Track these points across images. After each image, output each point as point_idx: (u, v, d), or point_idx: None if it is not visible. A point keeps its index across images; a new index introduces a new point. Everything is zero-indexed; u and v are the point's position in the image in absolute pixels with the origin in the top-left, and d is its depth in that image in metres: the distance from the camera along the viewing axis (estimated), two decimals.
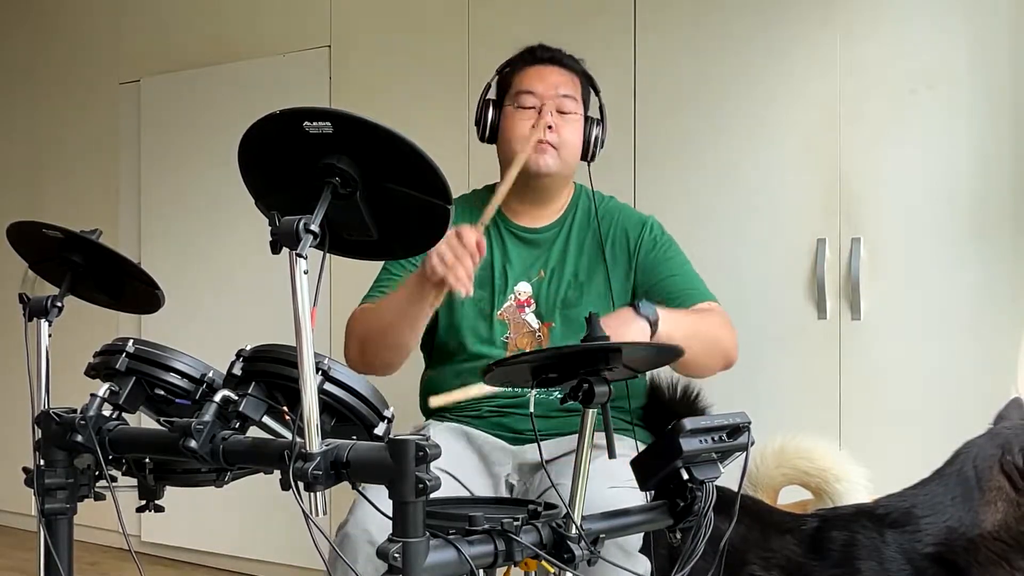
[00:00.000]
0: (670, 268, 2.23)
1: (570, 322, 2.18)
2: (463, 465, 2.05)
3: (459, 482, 2.00)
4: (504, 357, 2.11)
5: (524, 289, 2.22)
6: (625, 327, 1.89)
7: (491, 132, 2.27)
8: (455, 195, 1.39)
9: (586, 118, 2.25)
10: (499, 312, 2.20)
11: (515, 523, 1.32)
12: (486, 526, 1.30)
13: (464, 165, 3.08)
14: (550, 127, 2.18)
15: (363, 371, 2.04)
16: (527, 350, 2.19)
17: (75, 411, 1.61)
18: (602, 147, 2.28)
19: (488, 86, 2.31)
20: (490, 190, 2.33)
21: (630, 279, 2.23)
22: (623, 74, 3.05)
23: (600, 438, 1.45)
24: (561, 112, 2.20)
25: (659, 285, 2.21)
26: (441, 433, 2.10)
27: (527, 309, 2.22)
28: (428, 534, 1.23)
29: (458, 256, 1.90)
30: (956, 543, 1.77)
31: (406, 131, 1.33)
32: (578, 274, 2.22)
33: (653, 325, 1.92)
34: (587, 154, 2.25)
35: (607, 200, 2.33)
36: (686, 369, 2.15)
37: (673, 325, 1.96)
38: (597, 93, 2.30)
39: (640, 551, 1.80)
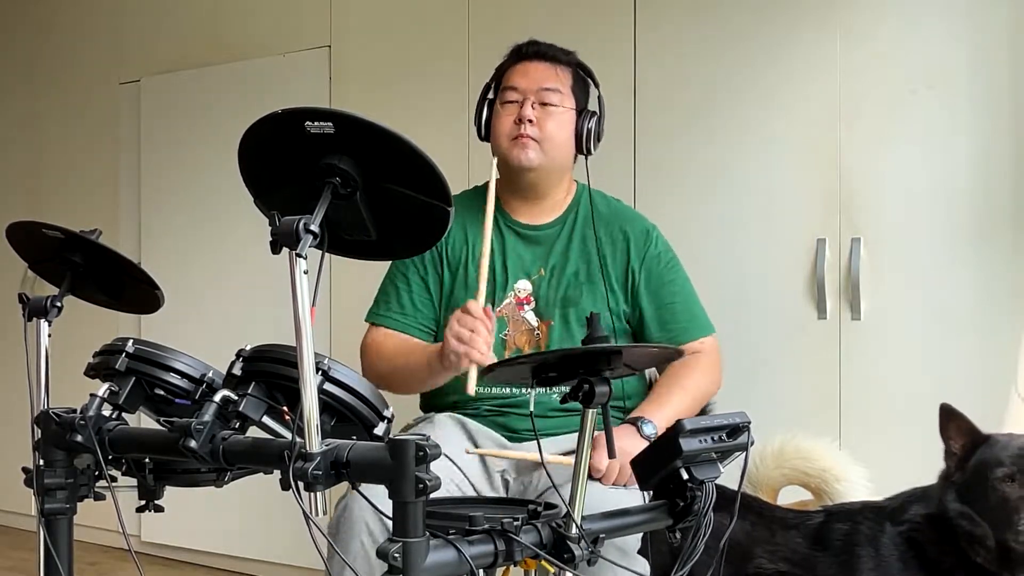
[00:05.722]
0: (671, 292, 2.24)
1: (569, 321, 2.18)
2: (461, 457, 2.06)
3: (457, 466, 2.01)
4: (503, 356, 2.15)
5: (524, 287, 2.22)
6: (632, 449, 1.84)
7: (486, 130, 2.27)
8: (453, 194, 1.40)
9: (580, 111, 2.23)
10: (498, 309, 2.19)
11: (515, 523, 1.32)
12: (486, 526, 1.30)
13: (464, 165, 3.08)
14: (530, 120, 2.17)
15: None
16: (525, 348, 2.19)
17: (75, 411, 1.60)
18: (599, 140, 2.25)
19: (487, 86, 2.31)
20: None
21: (628, 285, 2.22)
22: (623, 73, 3.05)
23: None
24: (544, 105, 2.19)
25: (660, 311, 2.22)
26: (441, 424, 2.11)
27: (526, 307, 2.21)
28: (428, 534, 1.23)
29: (473, 329, 1.92)
30: (918, 520, 1.87)
31: (406, 131, 1.33)
32: (579, 273, 2.22)
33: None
34: (581, 147, 2.23)
35: (612, 201, 2.32)
36: None
37: (671, 418, 1.94)
38: (596, 85, 2.27)
39: (639, 552, 1.80)
